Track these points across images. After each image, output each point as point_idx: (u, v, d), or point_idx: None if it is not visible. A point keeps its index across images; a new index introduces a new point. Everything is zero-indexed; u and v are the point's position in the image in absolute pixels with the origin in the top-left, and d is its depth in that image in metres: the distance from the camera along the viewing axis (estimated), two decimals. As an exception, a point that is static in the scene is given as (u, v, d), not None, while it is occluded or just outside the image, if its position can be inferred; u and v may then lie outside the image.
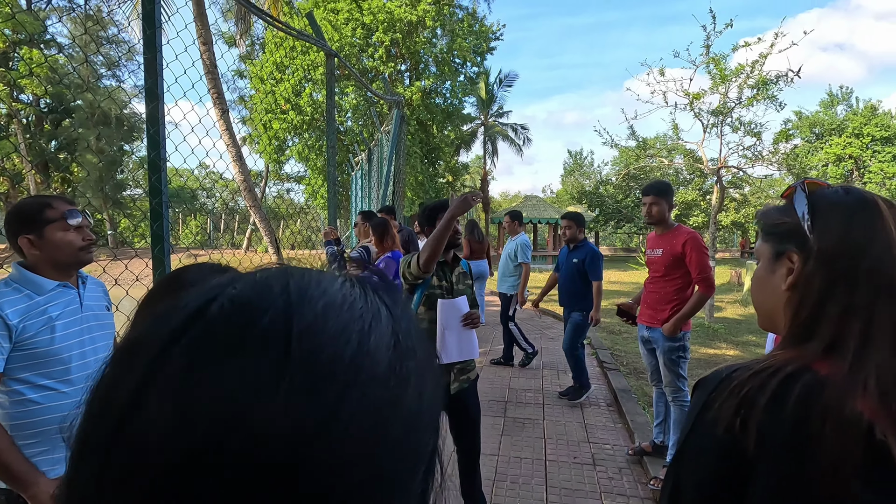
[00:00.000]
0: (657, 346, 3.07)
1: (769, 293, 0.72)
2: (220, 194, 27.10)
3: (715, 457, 0.63)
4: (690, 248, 2.94)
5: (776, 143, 9.63)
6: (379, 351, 0.25)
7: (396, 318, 0.28)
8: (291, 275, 0.27)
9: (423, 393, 0.27)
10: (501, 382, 4.94)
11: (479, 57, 19.02)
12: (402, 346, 0.27)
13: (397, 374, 0.26)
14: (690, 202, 19.20)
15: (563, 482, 3.05)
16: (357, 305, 0.27)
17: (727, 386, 0.65)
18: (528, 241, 5.32)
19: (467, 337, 2.32)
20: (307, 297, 0.25)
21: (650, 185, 3.12)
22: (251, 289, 0.26)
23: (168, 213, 2.46)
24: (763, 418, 0.60)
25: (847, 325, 0.61)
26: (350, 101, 16.55)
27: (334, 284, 0.28)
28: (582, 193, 27.08)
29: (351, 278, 0.30)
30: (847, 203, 0.66)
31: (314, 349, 0.23)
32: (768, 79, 7.87)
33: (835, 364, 0.61)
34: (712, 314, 8.10)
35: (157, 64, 2.36)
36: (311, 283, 0.27)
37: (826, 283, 0.64)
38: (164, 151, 2.41)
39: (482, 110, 27.42)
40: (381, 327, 0.27)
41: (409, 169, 16.32)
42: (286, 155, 18.57)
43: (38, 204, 1.52)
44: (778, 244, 0.71)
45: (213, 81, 6.68)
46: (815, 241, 0.65)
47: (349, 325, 0.25)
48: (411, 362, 0.27)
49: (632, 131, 9.83)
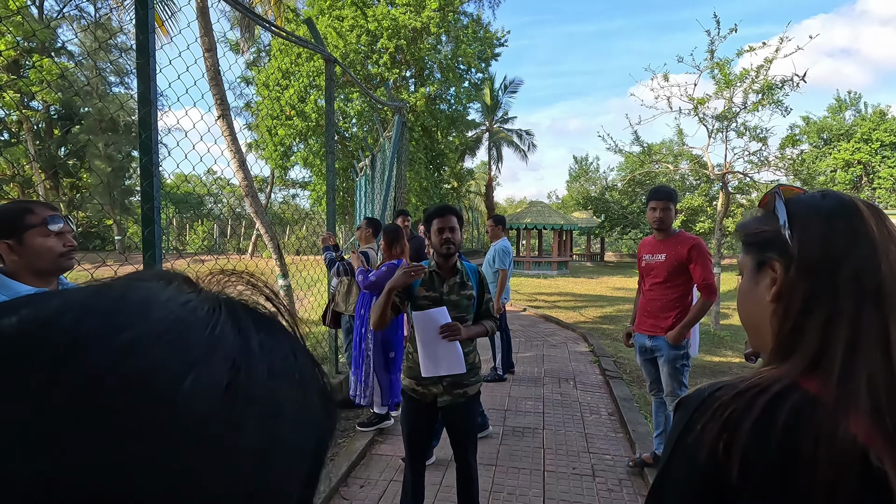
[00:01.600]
0: (661, 354, 3.01)
1: (754, 306, 0.68)
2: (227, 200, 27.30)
3: (697, 485, 0.58)
4: (696, 255, 2.89)
5: (783, 149, 9.54)
6: (196, 397, 0.21)
7: (248, 354, 0.24)
8: (112, 298, 0.23)
9: (271, 445, 0.23)
10: (501, 390, 4.87)
11: (483, 63, 19.06)
12: (243, 388, 0.22)
13: (220, 425, 0.21)
14: (696, 208, 19.07)
15: (561, 494, 2.98)
16: (186, 336, 0.22)
17: (710, 406, 0.60)
18: (508, 246, 5.08)
19: (448, 350, 2.20)
20: (105, 331, 0.21)
21: (663, 190, 3.04)
22: (33, 321, 0.21)
23: (160, 218, 2.45)
24: (748, 443, 0.55)
25: (832, 334, 0.57)
26: (355, 107, 16.62)
27: (164, 310, 0.23)
28: (587, 199, 26.96)
29: (209, 302, 0.25)
30: (825, 207, 0.62)
31: (86, 401, 0.19)
32: (774, 83, 7.80)
33: (823, 378, 0.56)
34: (718, 321, 7.99)
35: (149, 69, 2.36)
36: (127, 310, 0.22)
37: (809, 291, 0.60)
38: (156, 157, 2.39)
39: (487, 116, 27.47)
40: (210, 364, 0.22)
41: (414, 175, 16.35)
42: (291, 161, 18.66)
43: (19, 209, 1.50)
44: (759, 254, 0.67)
45: (218, 88, 6.69)
46: (795, 248, 0.61)
47: (157, 366, 0.20)
48: (253, 408, 0.22)
49: (636, 136, 9.77)
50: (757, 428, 0.55)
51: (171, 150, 5.17)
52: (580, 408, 4.44)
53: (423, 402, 2.33)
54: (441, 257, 2.32)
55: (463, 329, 2.22)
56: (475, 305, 2.39)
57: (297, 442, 0.25)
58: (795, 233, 0.62)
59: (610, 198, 25.91)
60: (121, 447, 0.19)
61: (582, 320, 8.98)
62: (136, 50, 2.36)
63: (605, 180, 34.04)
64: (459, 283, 2.34)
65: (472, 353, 2.37)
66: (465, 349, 2.29)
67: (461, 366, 2.22)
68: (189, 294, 0.25)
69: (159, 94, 2.48)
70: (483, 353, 5.71)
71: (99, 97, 19.70)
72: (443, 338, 2.17)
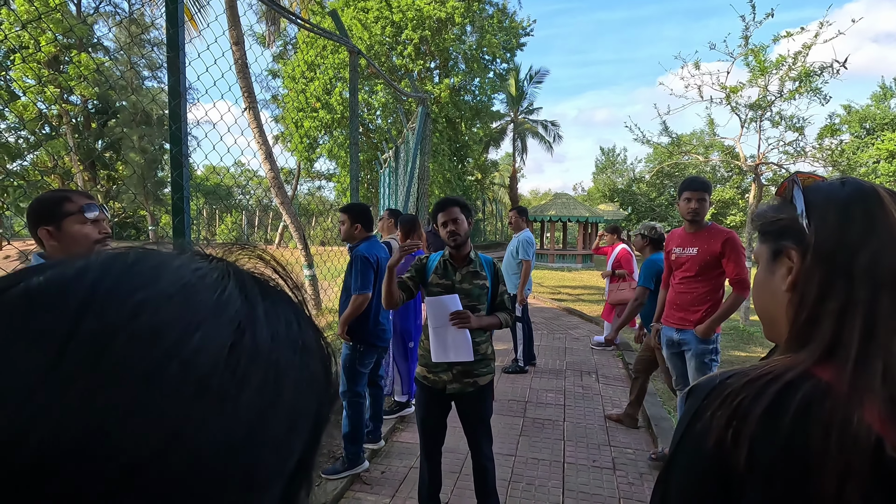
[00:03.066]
0: (689, 348, 2.95)
1: (770, 296, 0.67)
2: (255, 191, 27.84)
3: (703, 474, 0.58)
4: (731, 249, 2.80)
5: (821, 139, 9.15)
6: (202, 353, 0.23)
7: (253, 319, 0.25)
8: (127, 262, 0.25)
9: (272, 403, 0.24)
10: (522, 382, 4.87)
11: (508, 53, 18.84)
12: (247, 349, 0.24)
13: (225, 381, 0.23)
14: (727, 200, 18.53)
15: (580, 486, 2.98)
16: (194, 299, 0.24)
17: (720, 394, 0.59)
18: (531, 237, 5.05)
19: (457, 337, 2.24)
20: (119, 290, 0.23)
21: (698, 180, 2.92)
22: (57, 279, 0.23)
23: (189, 207, 2.52)
24: (757, 432, 0.54)
25: (848, 323, 0.56)
26: (379, 99, 16.68)
27: (175, 275, 0.25)
28: (614, 191, 26.45)
29: (218, 270, 0.27)
30: (843, 194, 0.61)
31: (101, 349, 0.21)
32: (812, 70, 7.46)
33: (837, 367, 0.55)
34: (747, 317, 7.78)
35: (179, 62, 2.42)
36: (141, 273, 0.24)
37: (824, 280, 0.58)
38: (185, 147, 2.46)
39: (512, 107, 27.18)
40: (216, 325, 0.24)
41: (437, 166, 16.33)
42: (317, 153, 18.89)
43: (58, 197, 1.57)
44: (775, 243, 0.66)
45: (245, 80, 6.81)
46: (812, 236, 0.60)
47: (166, 323, 0.22)
48: (256, 368, 0.24)
49: (664, 127, 9.52)
50: (767, 415, 0.54)
51: (199, 142, 5.31)
52: (602, 401, 4.41)
53: (435, 390, 2.37)
54: (451, 248, 2.37)
55: (474, 318, 2.25)
56: (489, 296, 2.41)
57: (298, 403, 0.26)
58: (812, 221, 0.61)
59: (637, 190, 25.40)
60: (132, 391, 0.20)
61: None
62: (167, 44, 2.42)
63: (632, 172, 33.30)
64: (472, 272, 2.37)
65: (485, 344, 2.39)
66: (476, 339, 2.32)
67: (469, 353, 2.25)
68: (200, 262, 0.27)
69: (189, 87, 2.55)
70: (505, 343, 5.72)
71: (133, 91, 20.31)
72: (452, 324, 2.21)
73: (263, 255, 0.33)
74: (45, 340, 0.21)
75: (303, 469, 0.27)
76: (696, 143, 13.31)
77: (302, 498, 0.28)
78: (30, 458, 0.18)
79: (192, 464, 0.21)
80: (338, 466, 2.98)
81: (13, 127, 19.66)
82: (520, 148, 28.96)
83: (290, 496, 0.26)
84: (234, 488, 0.23)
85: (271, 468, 0.24)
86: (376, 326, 3.03)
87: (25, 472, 0.18)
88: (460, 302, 2.25)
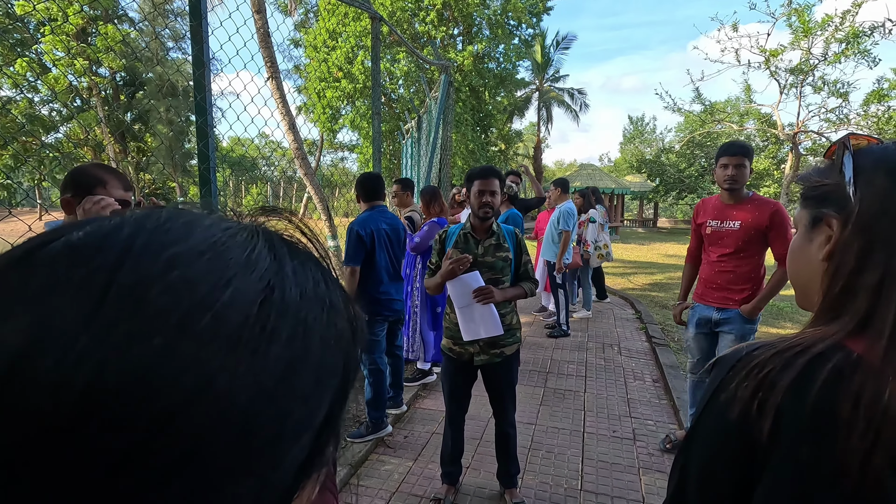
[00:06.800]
0: (731, 328, 2.73)
1: (805, 264, 0.64)
2: (279, 163, 28.06)
3: (726, 443, 0.58)
4: (779, 222, 2.55)
5: (867, 105, 8.64)
6: (233, 307, 0.24)
7: (282, 277, 0.26)
8: (160, 219, 0.26)
9: (300, 358, 0.25)
10: (544, 353, 4.90)
11: (534, 18, 18.20)
12: (276, 305, 0.25)
13: (255, 334, 0.24)
14: (762, 171, 17.81)
15: (600, 455, 3.02)
16: (225, 256, 0.25)
17: (746, 365, 0.58)
18: (573, 208, 5.31)
19: (484, 313, 2.22)
20: (153, 245, 0.24)
21: (737, 144, 2.66)
22: (96, 233, 0.24)
23: (216, 177, 2.56)
24: (783, 402, 0.53)
25: (885, 295, 0.53)
26: (401, 67, 16.41)
27: (206, 232, 0.26)
28: (642, 162, 25.68)
29: (248, 230, 0.28)
30: (893, 159, 0.57)
31: (138, 298, 0.22)
32: (861, 30, 6.99)
33: (870, 339, 0.53)
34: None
35: (202, 31, 2.41)
36: (173, 230, 0.25)
37: (864, 249, 0.55)
38: (210, 118, 2.48)
39: (537, 75, 26.41)
40: (247, 281, 0.25)
41: (460, 137, 16.10)
42: (339, 124, 18.83)
43: (94, 176, 1.58)
44: (816, 209, 0.63)
45: (267, 49, 6.78)
46: (856, 203, 0.56)
47: (199, 277, 0.24)
48: (285, 323, 0.25)
49: (697, 94, 9.13)
50: (795, 386, 0.53)
51: (224, 112, 5.35)
52: (623, 373, 4.41)
53: (462, 361, 2.39)
54: (477, 219, 2.32)
55: (497, 292, 2.22)
56: (513, 267, 2.38)
57: (325, 359, 0.27)
58: (858, 185, 0.57)
59: (666, 160, 24.60)
60: (168, 339, 0.21)
61: (630, 286, 8.77)
62: (189, 12, 2.42)
63: (661, 142, 32.21)
64: (495, 244, 2.33)
65: (510, 315, 2.38)
66: (501, 311, 2.30)
67: (498, 328, 2.24)
68: (230, 222, 0.28)
69: (212, 57, 2.54)
70: (526, 316, 5.73)
71: (158, 62, 20.47)
72: (476, 301, 2.20)
73: (292, 217, 0.33)
74: (87, 290, 0.22)
75: (330, 423, 0.28)
76: (731, 110, 12.73)
77: (329, 452, 0.29)
78: (76, 398, 0.20)
79: (223, 411, 0.22)
80: (362, 430, 3.09)
81: (46, 100, 20.13)
82: (545, 117, 28.24)
83: (318, 448, 0.27)
84: (265, 437, 0.24)
85: (300, 420, 0.25)
86: (380, 296, 3.08)
87: (72, 411, 0.19)
88: (482, 277, 2.23)
